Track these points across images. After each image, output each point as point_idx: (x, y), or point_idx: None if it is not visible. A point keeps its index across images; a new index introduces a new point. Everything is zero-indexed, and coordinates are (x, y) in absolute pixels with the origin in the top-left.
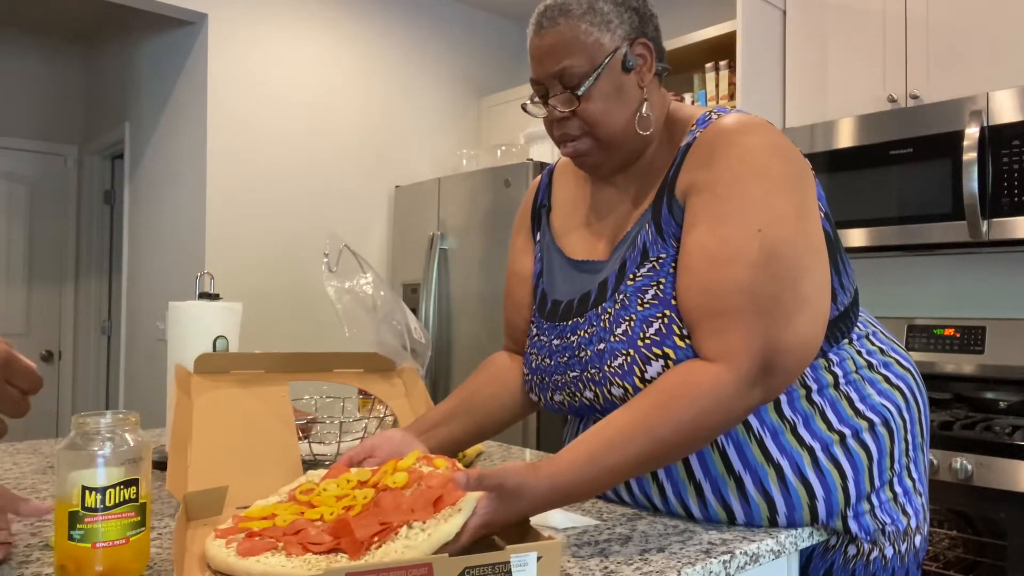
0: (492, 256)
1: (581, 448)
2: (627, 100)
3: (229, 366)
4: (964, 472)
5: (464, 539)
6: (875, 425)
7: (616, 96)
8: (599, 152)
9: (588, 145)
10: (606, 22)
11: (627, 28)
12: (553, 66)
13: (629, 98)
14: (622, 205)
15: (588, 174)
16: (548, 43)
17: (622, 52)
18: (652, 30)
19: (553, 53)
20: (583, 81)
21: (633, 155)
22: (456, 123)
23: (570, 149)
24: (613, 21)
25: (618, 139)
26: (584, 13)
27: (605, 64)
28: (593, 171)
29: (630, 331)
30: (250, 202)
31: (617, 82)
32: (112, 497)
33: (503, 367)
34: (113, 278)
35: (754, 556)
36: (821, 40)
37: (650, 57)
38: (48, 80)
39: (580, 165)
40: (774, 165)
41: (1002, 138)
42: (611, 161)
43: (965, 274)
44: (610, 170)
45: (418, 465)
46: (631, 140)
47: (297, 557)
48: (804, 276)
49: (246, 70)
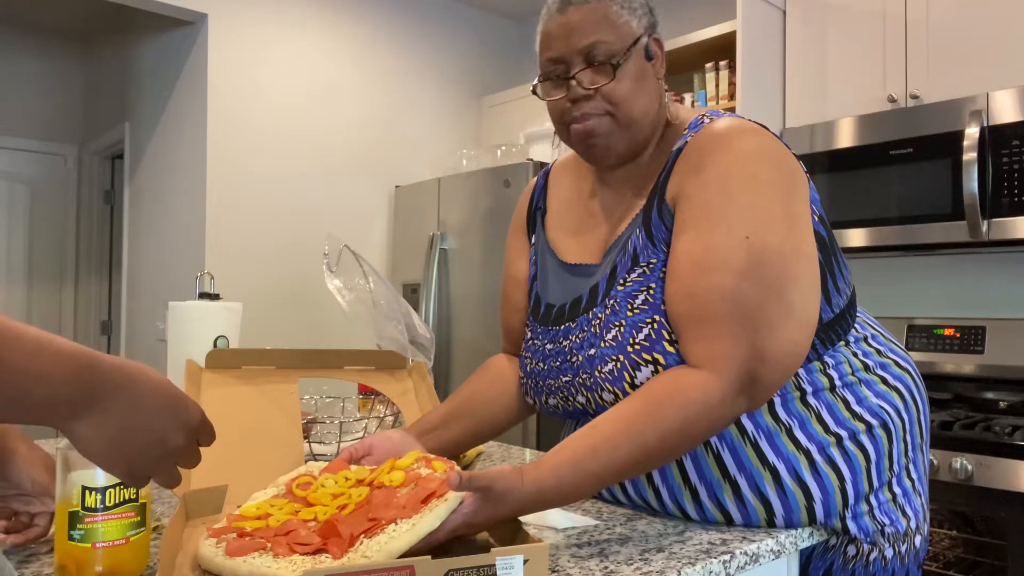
0: (492, 256)
1: (566, 453)
2: (649, 87)
3: (240, 361)
4: (964, 472)
5: (442, 534)
6: (873, 427)
7: (641, 80)
8: (615, 134)
9: (607, 126)
10: (633, 9)
11: (647, 21)
12: (582, 40)
13: (650, 86)
14: (616, 208)
15: (592, 162)
16: (577, 19)
17: (644, 41)
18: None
19: (582, 28)
20: (614, 57)
21: (639, 148)
22: (456, 123)
23: (585, 127)
24: (639, 10)
25: (636, 123)
26: None
27: (635, 45)
28: (602, 156)
29: (620, 336)
30: (250, 202)
31: (642, 67)
32: (112, 497)
33: (502, 369)
34: (113, 278)
35: (754, 556)
36: (821, 40)
37: (662, 55)
38: (48, 80)
39: (590, 148)
40: (763, 170)
41: (1002, 138)
42: (621, 147)
43: (965, 274)
44: (616, 157)
45: (416, 466)
46: (645, 129)
47: (283, 558)
48: (790, 284)
49: (246, 70)
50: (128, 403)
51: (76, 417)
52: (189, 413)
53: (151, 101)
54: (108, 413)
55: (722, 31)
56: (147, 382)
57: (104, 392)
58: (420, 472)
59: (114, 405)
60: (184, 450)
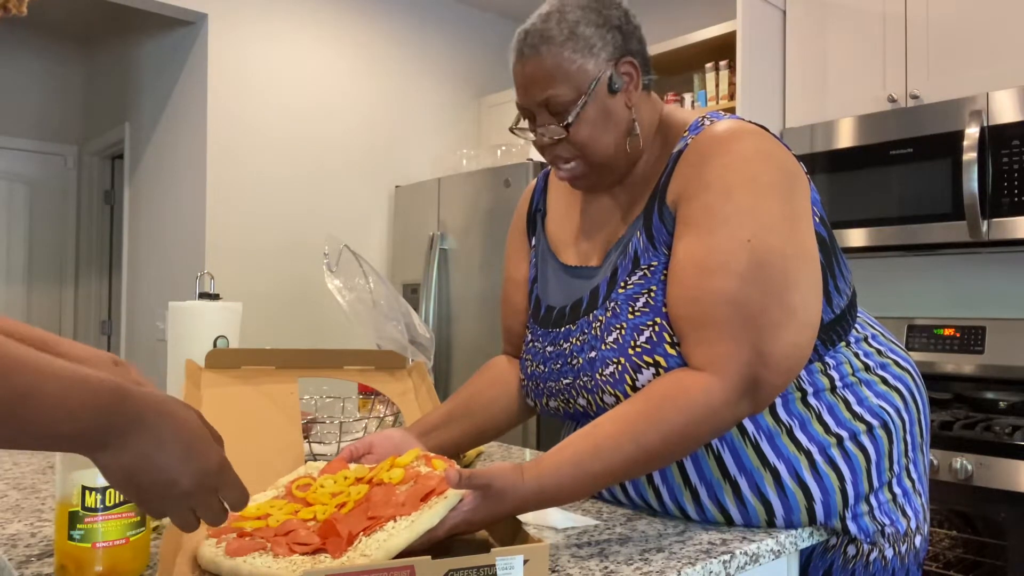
0: (492, 256)
1: (567, 452)
2: (616, 122)
3: (240, 361)
4: (964, 472)
5: (441, 531)
6: (873, 428)
7: (604, 120)
8: (592, 174)
9: (581, 168)
10: (589, 47)
11: (611, 49)
12: (539, 95)
13: (618, 120)
14: (616, 210)
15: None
16: (530, 71)
17: (607, 75)
18: (636, 44)
19: (536, 82)
20: (569, 109)
21: (627, 169)
22: (456, 123)
23: (565, 173)
24: (596, 45)
25: (609, 161)
26: (566, 40)
27: (591, 91)
28: (589, 191)
29: (621, 339)
30: (250, 202)
31: (604, 107)
32: (112, 497)
33: (503, 371)
34: (113, 278)
35: (754, 556)
36: (821, 40)
37: (636, 75)
38: (48, 80)
39: (575, 186)
40: (764, 173)
41: (1002, 138)
42: (605, 180)
43: (965, 274)
44: (606, 188)
45: (416, 464)
46: (622, 159)
47: (284, 558)
48: (792, 287)
49: (246, 70)
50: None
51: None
52: (206, 460)
53: (151, 101)
54: (125, 448)
55: (722, 31)
56: (170, 421)
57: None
58: (420, 470)
59: (132, 440)
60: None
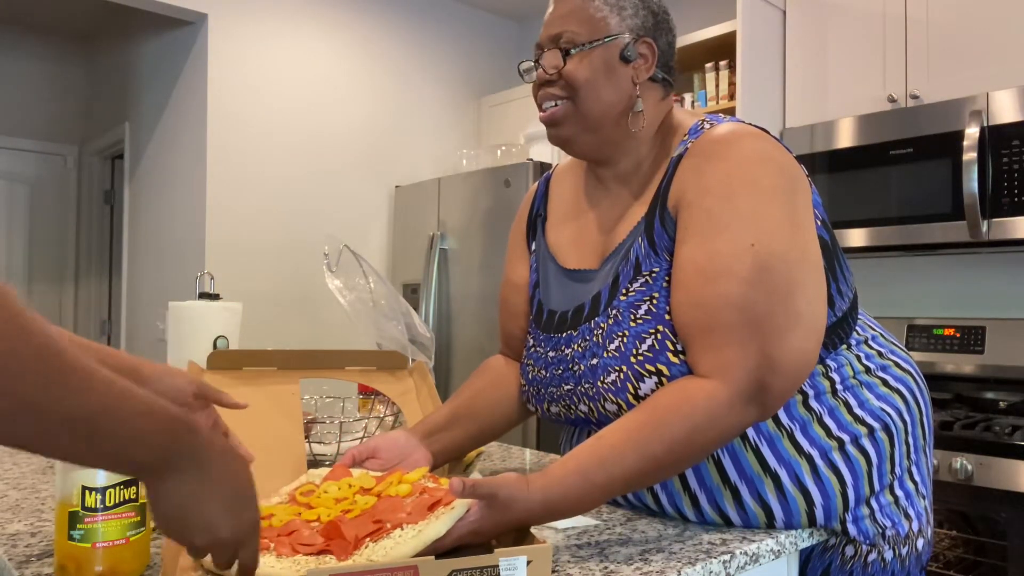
0: (492, 256)
1: (572, 464)
2: (616, 84)
3: (242, 362)
4: (964, 472)
5: (448, 541)
6: (875, 431)
7: (605, 74)
8: (575, 123)
9: (565, 110)
10: (620, 8)
11: (638, 23)
12: (555, 29)
13: (619, 84)
14: (615, 213)
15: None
16: (559, 12)
17: (624, 40)
18: (664, 38)
19: (560, 17)
20: (575, 45)
21: (616, 152)
22: (456, 123)
23: (547, 113)
24: (627, 10)
25: (596, 115)
26: None
27: (602, 41)
28: (566, 145)
29: (623, 347)
30: (250, 202)
31: (610, 63)
32: (112, 497)
33: (502, 372)
34: (113, 278)
35: (754, 556)
36: (821, 40)
37: (651, 59)
38: (48, 80)
39: (555, 136)
40: (765, 176)
41: (1002, 138)
42: (585, 140)
43: (965, 274)
44: (583, 151)
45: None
46: (610, 126)
47: (287, 558)
48: (797, 291)
49: (246, 70)
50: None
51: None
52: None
53: (151, 101)
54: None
55: (722, 31)
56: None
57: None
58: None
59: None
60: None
